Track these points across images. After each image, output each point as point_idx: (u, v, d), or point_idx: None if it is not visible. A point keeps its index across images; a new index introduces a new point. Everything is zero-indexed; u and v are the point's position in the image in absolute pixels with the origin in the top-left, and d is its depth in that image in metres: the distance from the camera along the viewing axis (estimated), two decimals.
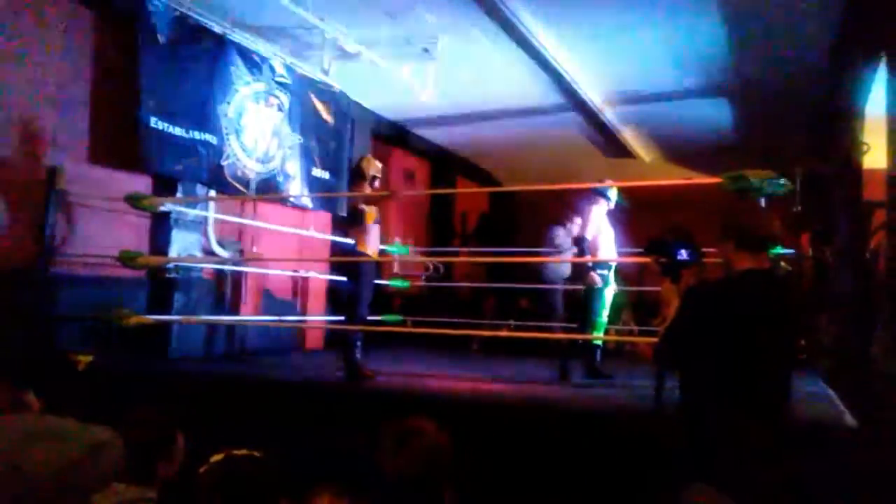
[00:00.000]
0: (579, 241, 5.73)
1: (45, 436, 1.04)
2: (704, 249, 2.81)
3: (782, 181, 3.87)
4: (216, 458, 1.75)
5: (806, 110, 7.86)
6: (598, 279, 5.60)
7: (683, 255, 2.63)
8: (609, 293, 5.74)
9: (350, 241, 5.49)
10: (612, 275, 5.76)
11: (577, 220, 6.98)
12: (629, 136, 9.56)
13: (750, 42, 6.47)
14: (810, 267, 6.44)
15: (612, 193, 5.80)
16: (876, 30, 4.95)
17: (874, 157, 5.31)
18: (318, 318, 7.99)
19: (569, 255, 6.61)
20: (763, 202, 4.04)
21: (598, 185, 5.77)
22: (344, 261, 5.56)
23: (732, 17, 5.99)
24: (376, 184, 5.51)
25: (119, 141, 5.79)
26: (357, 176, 5.50)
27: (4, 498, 0.97)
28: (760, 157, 8.40)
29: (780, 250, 4.75)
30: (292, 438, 3.59)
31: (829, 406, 4.34)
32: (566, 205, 6.79)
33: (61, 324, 5.36)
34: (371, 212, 5.26)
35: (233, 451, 1.82)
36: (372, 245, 5.29)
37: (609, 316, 6.97)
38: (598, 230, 5.73)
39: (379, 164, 5.52)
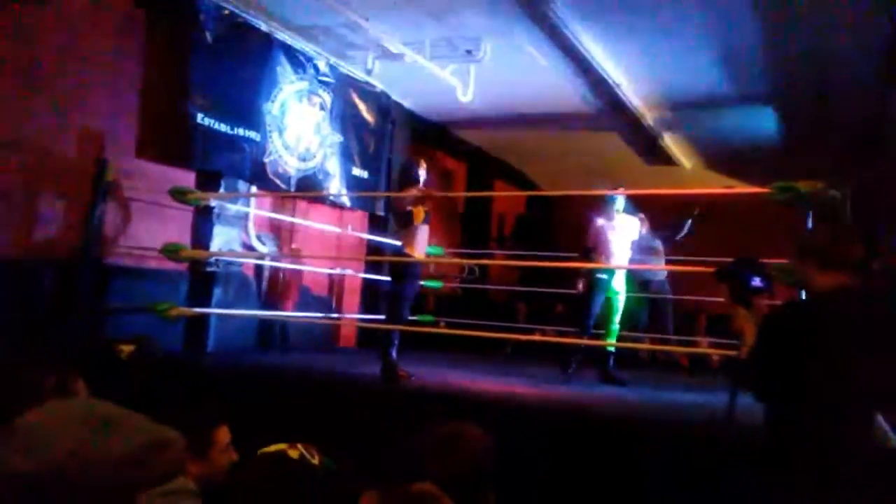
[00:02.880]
0: (584, 251, 5.94)
1: (111, 424, 1.04)
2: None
3: (832, 192, 3.80)
4: (270, 449, 1.76)
5: (854, 119, 7.69)
6: (580, 286, 5.84)
7: (757, 282, 2.62)
8: (619, 299, 5.84)
9: (396, 242, 5.49)
10: (620, 281, 5.84)
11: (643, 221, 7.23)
12: (670, 143, 9.45)
13: (796, 49, 6.35)
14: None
15: (619, 202, 5.94)
16: None
17: None
18: (353, 316, 8.05)
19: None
20: (811, 214, 3.97)
21: (609, 192, 5.94)
22: (391, 260, 5.58)
23: (779, 23, 5.89)
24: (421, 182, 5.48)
25: (166, 136, 5.90)
26: (409, 178, 5.39)
27: (62, 486, 0.97)
28: (805, 166, 8.25)
29: None
30: (326, 436, 3.62)
31: None
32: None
33: (105, 314, 5.48)
34: (419, 211, 5.24)
35: (290, 445, 1.79)
36: (420, 247, 5.27)
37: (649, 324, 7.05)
38: (600, 239, 5.87)
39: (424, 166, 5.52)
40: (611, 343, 5.83)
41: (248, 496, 1.75)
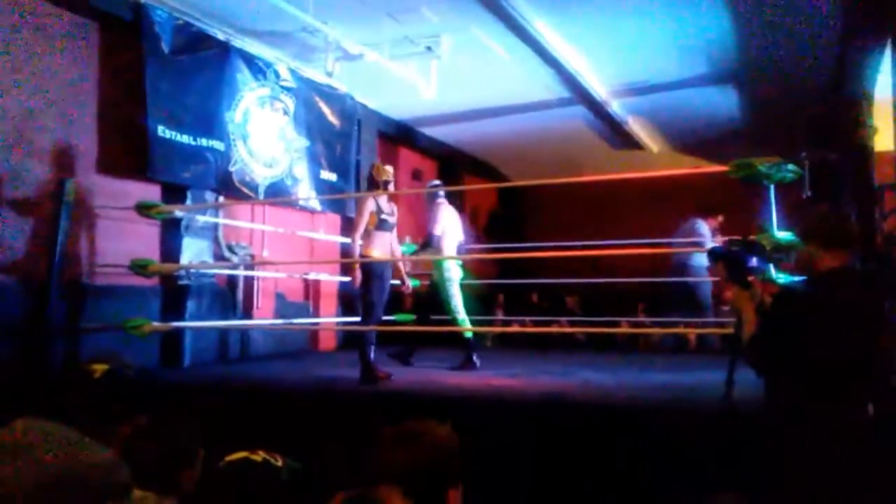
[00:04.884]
0: (427, 239, 6.13)
1: (26, 450, 0.99)
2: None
3: (790, 167, 3.85)
4: (233, 457, 1.76)
5: (814, 94, 7.80)
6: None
7: (754, 262, 2.66)
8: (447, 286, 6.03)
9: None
10: (456, 268, 6.07)
11: (720, 218, 7.17)
12: (636, 127, 9.52)
13: (756, 27, 6.42)
14: None
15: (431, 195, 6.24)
16: (883, 13, 4.91)
17: (881, 141, 5.26)
18: (329, 319, 8.02)
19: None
20: (772, 189, 4.01)
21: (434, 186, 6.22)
22: (346, 262, 5.65)
23: (738, 2, 5.94)
24: (390, 188, 5.53)
25: (127, 150, 5.83)
26: (370, 185, 5.53)
27: None
28: (769, 143, 8.36)
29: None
30: (307, 442, 3.60)
31: None
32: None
33: (75, 334, 5.40)
34: (372, 217, 5.30)
35: (251, 452, 1.81)
36: (378, 249, 5.32)
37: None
38: (444, 228, 6.07)
39: (389, 169, 5.54)
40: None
41: (221, 501, 1.75)
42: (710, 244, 7.06)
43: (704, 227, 7.20)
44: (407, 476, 1.61)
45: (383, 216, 5.33)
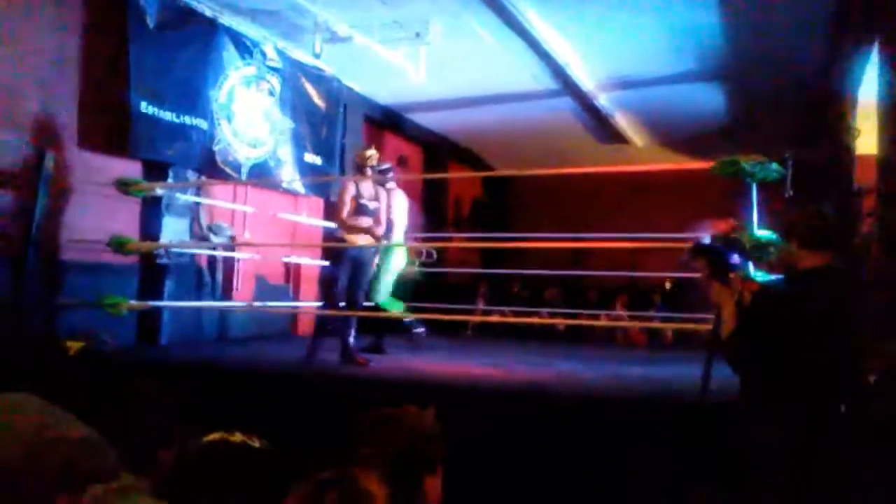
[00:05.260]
0: (388, 224, 5.84)
1: (2, 423, 0.98)
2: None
3: (774, 166, 3.87)
4: (210, 437, 1.75)
5: (799, 95, 7.85)
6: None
7: (735, 259, 2.69)
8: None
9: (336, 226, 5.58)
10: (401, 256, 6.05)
11: (731, 221, 7.19)
12: (622, 121, 9.54)
13: (745, 26, 6.44)
14: None
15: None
16: (869, 16, 4.95)
17: (865, 143, 5.31)
18: (309, 304, 7.98)
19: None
20: (755, 188, 4.04)
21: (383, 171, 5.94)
22: (328, 245, 5.68)
23: (727, 1, 5.96)
24: (367, 172, 5.49)
25: (109, 126, 5.74)
26: (354, 169, 5.61)
27: None
28: (754, 141, 8.40)
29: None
30: (285, 424, 3.59)
31: None
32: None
33: (52, 311, 5.33)
34: (353, 200, 5.28)
35: (228, 433, 1.79)
36: (354, 232, 5.32)
37: None
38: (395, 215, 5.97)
39: (369, 153, 5.51)
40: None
41: (198, 482, 1.74)
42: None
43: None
44: (384, 460, 1.61)
45: (362, 201, 5.31)
